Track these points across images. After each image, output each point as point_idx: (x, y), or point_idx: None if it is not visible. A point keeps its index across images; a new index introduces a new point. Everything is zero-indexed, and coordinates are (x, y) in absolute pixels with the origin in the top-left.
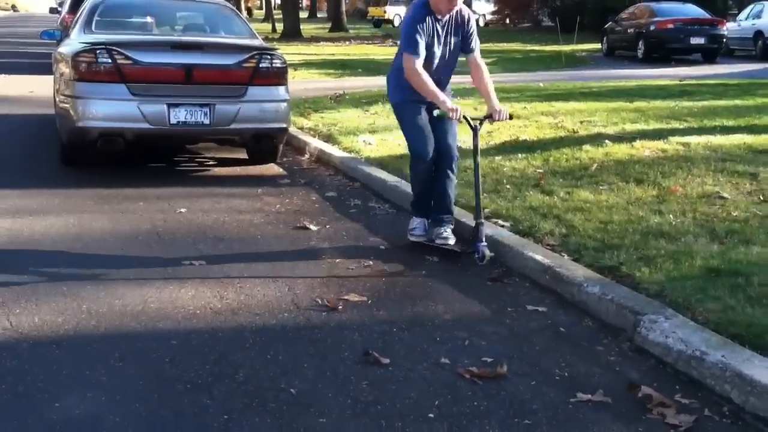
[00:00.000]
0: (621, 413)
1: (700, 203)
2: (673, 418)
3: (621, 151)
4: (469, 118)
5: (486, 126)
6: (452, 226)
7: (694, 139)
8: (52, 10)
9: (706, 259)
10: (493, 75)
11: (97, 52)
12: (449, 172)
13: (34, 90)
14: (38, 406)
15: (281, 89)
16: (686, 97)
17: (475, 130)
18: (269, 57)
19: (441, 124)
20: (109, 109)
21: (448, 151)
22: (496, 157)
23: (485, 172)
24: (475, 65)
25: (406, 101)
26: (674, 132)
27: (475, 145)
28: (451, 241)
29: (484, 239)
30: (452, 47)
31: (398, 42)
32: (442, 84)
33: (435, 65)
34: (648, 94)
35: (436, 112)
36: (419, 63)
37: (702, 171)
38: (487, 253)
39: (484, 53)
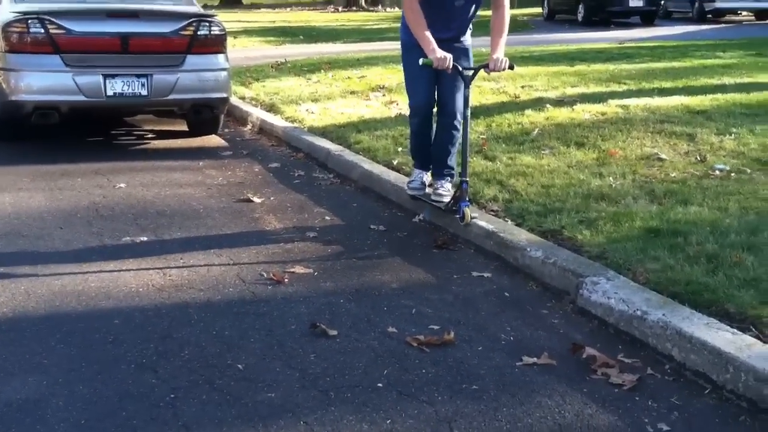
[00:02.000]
0: (566, 375)
1: (639, 165)
2: (616, 377)
3: (562, 115)
4: (459, 68)
5: None
6: (452, 181)
7: (633, 102)
8: None
9: (645, 220)
10: None
11: (29, 21)
12: (451, 128)
13: None
14: None
15: (220, 57)
16: (625, 60)
17: (465, 80)
18: (207, 24)
19: (444, 74)
20: (43, 82)
21: (449, 104)
22: None
23: None
24: (498, 4)
25: (412, 43)
26: (614, 95)
27: (466, 98)
28: (446, 198)
29: (467, 198)
30: None
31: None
32: (455, 33)
33: (447, 9)
34: (588, 58)
35: (421, 61)
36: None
37: (641, 133)
38: (468, 213)
39: None
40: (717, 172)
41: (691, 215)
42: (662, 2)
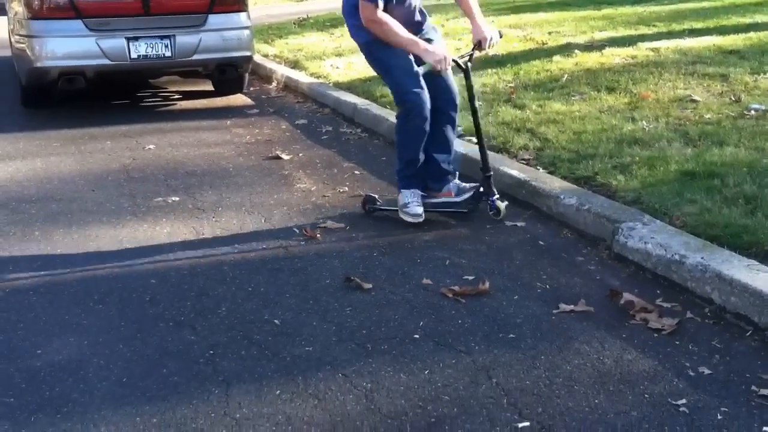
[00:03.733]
0: (604, 321)
1: (672, 108)
2: (655, 322)
3: (591, 60)
4: (458, 60)
5: (453, 42)
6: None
7: (663, 44)
8: None
9: (680, 163)
10: None
11: None
12: (453, 113)
13: None
14: (20, 354)
15: (242, 16)
16: (654, 2)
17: (466, 71)
18: None
19: None
20: (67, 47)
21: (449, 90)
22: None
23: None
24: None
25: (377, 38)
26: (643, 38)
27: (470, 88)
28: (469, 198)
29: (495, 191)
30: None
31: None
32: (422, 19)
33: (408, 2)
34: (616, 1)
35: (421, 69)
36: (380, 9)
37: (673, 75)
38: (502, 206)
39: None
40: (752, 112)
41: (728, 157)
42: None
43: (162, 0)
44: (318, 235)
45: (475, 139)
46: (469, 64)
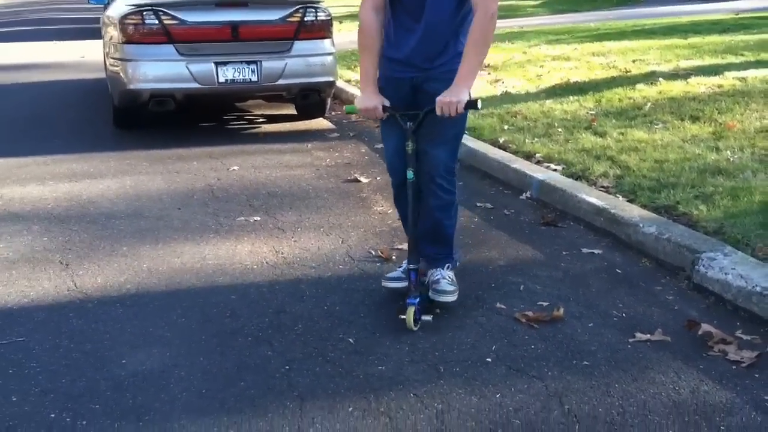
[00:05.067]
0: (681, 351)
1: (758, 138)
2: (734, 354)
3: (675, 88)
4: (398, 116)
5: (534, 69)
6: (451, 266)
7: (751, 73)
8: None
9: (765, 194)
10: (540, 17)
11: (144, 13)
12: (435, 191)
13: (85, 55)
14: (106, 364)
15: (327, 42)
16: (743, 31)
17: (408, 131)
18: (314, 10)
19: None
20: (159, 71)
21: (427, 159)
22: (547, 101)
23: (536, 116)
24: (475, 2)
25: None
26: (730, 67)
27: (408, 156)
28: (451, 296)
29: (416, 293)
30: None
31: None
32: (432, 35)
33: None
34: (702, 30)
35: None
36: (369, 3)
37: (760, 105)
38: (411, 317)
39: None
40: None
41: None
42: None
43: (250, 27)
44: (393, 257)
45: (553, 165)
46: (410, 124)
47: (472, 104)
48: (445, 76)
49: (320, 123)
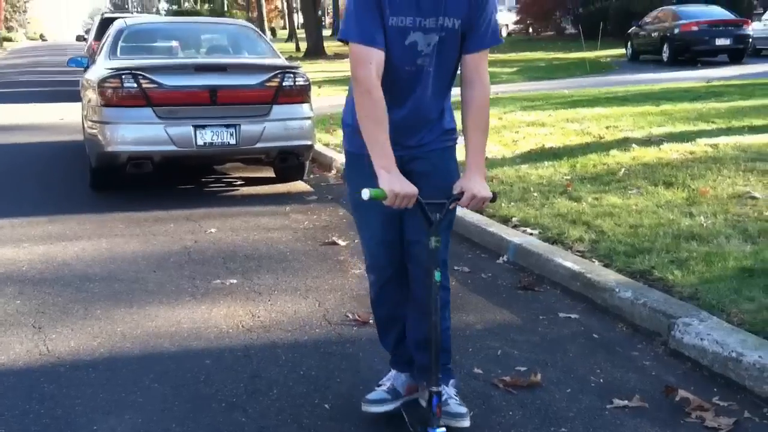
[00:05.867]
0: (659, 418)
1: (731, 204)
2: (712, 420)
3: (648, 154)
4: (424, 204)
5: (510, 134)
6: (455, 381)
7: (722, 140)
8: (79, 38)
9: (739, 260)
10: (515, 83)
11: (123, 77)
12: (430, 290)
13: (63, 117)
14: (77, 430)
15: (305, 107)
16: (714, 99)
17: (431, 222)
18: (292, 75)
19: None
20: (137, 133)
21: (418, 256)
22: (522, 166)
23: (512, 180)
24: (471, 79)
25: (359, 152)
26: (702, 133)
27: (432, 253)
28: (467, 419)
29: (439, 422)
30: (447, 33)
31: None
32: (425, 110)
33: (410, 69)
34: (674, 97)
35: (366, 193)
36: (374, 66)
37: (732, 171)
38: None
39: (507, 64)
40: None
41: None
42: (750, 40)
43: (229, 91)
44: (371, 321)
45: (529, 229)
46: (437, 218)
47: (493, 198)
48: (432, 155)
49: (298, 186)
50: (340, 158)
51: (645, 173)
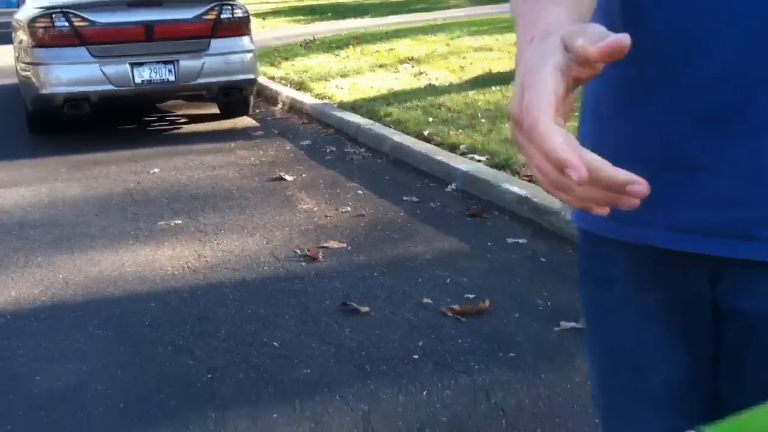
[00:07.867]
0: None
1: None
2: None
3: None
4: None
5: (457, 60)
6: None
7: None
8: None
9: None
10: (462, 9)
11: (53, 16)
12: None
13: None
14: (19, 381)
15: (245, 39)
16: None
17: None
18: (230, 7)
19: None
20: (72, 74)
21: None
22: (470, 92)
23: (460, 107)
24: None
25: (602, 267)
26: None
27: None
28: None
29: None
30: None
31: None
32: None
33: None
34: None
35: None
36: None
37: None
38: None
39: None
40: None
41: None
42: None
43: (165, 26)
44: (319, 256)
45: (477, 156)
46: None
47: None
48: None
49: (244, 121)
50: (285, 91)
51: None
